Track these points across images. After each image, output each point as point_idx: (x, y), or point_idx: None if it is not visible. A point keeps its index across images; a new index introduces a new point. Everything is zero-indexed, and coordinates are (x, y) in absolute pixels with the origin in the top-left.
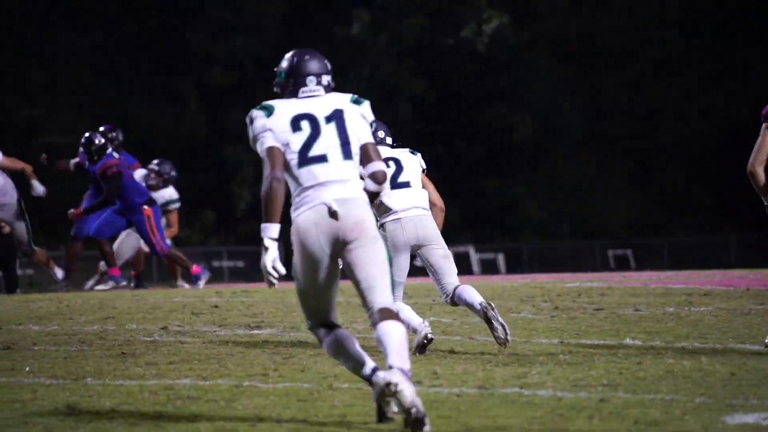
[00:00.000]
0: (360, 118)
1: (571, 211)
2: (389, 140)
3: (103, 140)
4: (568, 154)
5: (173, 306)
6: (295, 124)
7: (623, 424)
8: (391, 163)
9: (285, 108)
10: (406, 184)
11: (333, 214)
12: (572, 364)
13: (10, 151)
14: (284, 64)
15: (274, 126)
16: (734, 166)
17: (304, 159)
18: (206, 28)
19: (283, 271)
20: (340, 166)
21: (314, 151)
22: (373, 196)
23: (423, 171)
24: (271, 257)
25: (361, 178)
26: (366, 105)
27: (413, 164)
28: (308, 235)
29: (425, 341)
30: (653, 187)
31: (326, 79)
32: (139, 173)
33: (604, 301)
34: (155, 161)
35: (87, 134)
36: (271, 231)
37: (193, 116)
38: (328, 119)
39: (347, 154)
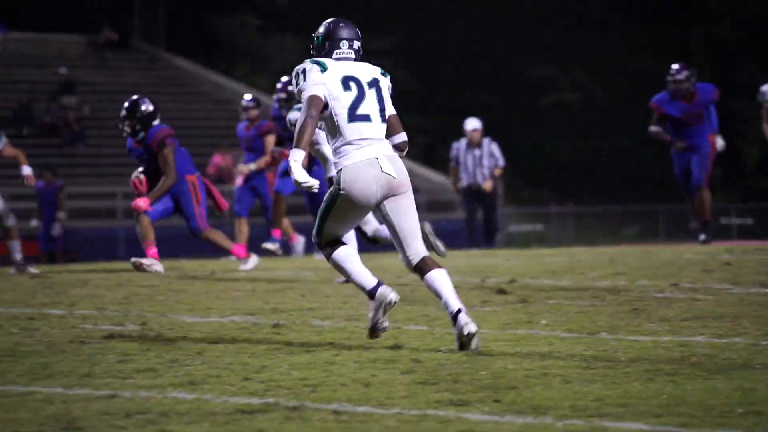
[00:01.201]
0: (387, 89)
1: None
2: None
3: (152, 107)
4: None
5: (683, 263)
6: (345, 84)
7: None
8: None
9: (335, 67)
10: None
11: (388, 172)
12: None
13: (522, 111)
14: (321, 29)
15: (327, 81)
16: None
17: (353, 116)
18: None
19: (315, 182)
20: (380, 127)
21: (361, 110)
22: None
23: None
24: (301, 174)
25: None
26: (388, 79)
27: None
28: (365, 181)
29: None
30: None
31: (357, 44)
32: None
33: None
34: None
35: (135, 98)
36: (299, 155)
37: (701, 70)
38: (370, 85)
39: (383, 118)
